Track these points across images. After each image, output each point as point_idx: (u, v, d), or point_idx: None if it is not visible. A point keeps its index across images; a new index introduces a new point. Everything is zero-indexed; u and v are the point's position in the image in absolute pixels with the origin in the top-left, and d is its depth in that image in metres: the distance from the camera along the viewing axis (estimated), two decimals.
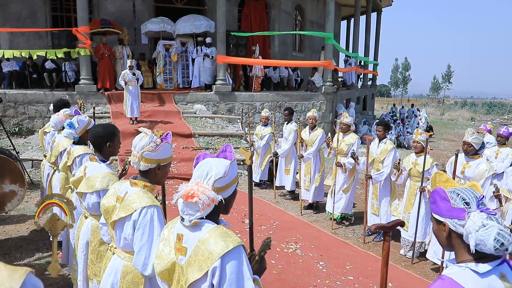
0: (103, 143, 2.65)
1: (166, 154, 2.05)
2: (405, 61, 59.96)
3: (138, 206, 1.90)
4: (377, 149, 5.21)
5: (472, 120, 27.59)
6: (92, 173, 2.56)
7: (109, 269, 2.06)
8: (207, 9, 13.62)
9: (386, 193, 5.25)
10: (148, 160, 1.99)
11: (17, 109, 10.19)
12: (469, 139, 4.22)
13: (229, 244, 1.44)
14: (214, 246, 1.43)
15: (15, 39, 12.02)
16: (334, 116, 12.78)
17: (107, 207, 2.07)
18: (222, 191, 1.53)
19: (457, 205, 1.32)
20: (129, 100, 9.22)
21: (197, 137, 9.43)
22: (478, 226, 1.23)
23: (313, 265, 4.39)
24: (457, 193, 1.35)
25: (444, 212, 1.35)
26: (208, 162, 1.56)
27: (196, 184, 1.50)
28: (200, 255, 1.45)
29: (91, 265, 2.54)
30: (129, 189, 2.00)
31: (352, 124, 5.90)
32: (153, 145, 2.00)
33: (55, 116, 4.11)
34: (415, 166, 4.67)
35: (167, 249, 1.57)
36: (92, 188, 2.51)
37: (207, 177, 1.51)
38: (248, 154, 1.77)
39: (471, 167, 4.22)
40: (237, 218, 5.65)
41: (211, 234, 1.47)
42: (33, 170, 8.23)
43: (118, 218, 1.97)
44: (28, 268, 0.78)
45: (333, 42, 12.32)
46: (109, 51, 10.88)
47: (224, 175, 1.51)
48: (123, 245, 2.02)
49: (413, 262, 4.72)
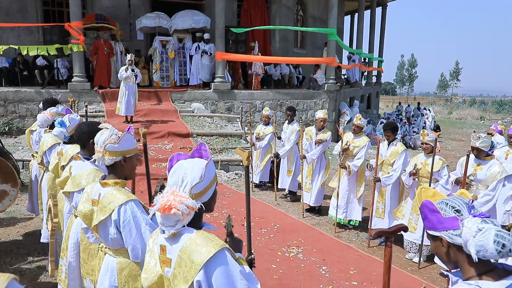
0: (86, 140, 2.66)
1: (129, 145, 2.10)
2: (412, 58, 59.34)
3: (115, 205, 1.93)
4: (387, 151, 5.07)
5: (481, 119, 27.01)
6: (77, 172, 2.57)
7: (104, 268, 2.08)
8: (205, 4, 13.37)
9: (395, 197, 5.16)
10: (112, 153, 2.04)
11: (7, 107, 9.95)
12: (476, 144, 4.13)
13: (211, 249, 1.38)
14: (196, 254, 1.38)
15: (5, 35, 11.77)
16: (337, 115, 12.48)
17: (84, 212, 2.10)
18: (200, 196, 1.48)
19: (448, 214, 1.28)
20: (126, 97, 8.94)
21: (195, 136, 9.25)
22: (475, 232, 1.19)
23: (316, 269, 4.33)
24: (446, 202, 1.31)
25: (437, 225, 1.31)
26: (182, 167, 1.49)
27: (172, 193, 1.43)
28: (183, 265, 1.39)
29: (84, 264, 2.53)
30: (102, 190, 2.03)
31: (365, 126, 5.71)
32: (115, 137, 2.03)
33: (41, 115, 4.09)
34: (425, 166, 4.57)
35: (153, 261, 1.53)
36: (78, 186, 2.51)
37: (183, 184, 1.45)
38: (245, 155, 1.74)
39: (482, 169, 4.12)
40: (237, 221, 5.52)
41: (191, 241, 1.42)
42: (23, 171, 7.97)
43: (98, 221, 1.99)
44: (11, 275, 0.79)
45: (336, 38, 11.99)
46: (109, 48, 10.57)
47: (201, 180, 1.46)
48: (112, 245, 2.04)
49: (420, 266, 4.57)
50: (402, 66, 60.02)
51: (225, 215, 5.79)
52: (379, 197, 5.19)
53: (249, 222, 1.89)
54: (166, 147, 8.66)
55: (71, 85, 10.12)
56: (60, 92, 9.82)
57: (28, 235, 4.87)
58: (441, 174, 4.47)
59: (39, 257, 4.31)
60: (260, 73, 12.20)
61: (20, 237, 4.90)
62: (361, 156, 5.35)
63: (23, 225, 5.23)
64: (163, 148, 8.61)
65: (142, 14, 11.99)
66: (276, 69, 13.55)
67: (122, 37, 11.47)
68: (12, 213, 5.69)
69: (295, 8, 15.93)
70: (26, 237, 4.85)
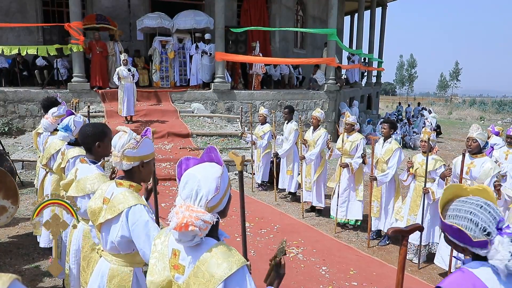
0: (92, 143, 2.56)
1: (148, 150, 2.03)
2: (411, 58, 59.30)
3: (125, 207, 1.89)
4: (382, 149, 5.08)
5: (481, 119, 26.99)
6: (82, 176, 2.52)
7: (96, 272, 2.04)
8: (205, 4, 13.35)
9: (390, 196, 5.15)
10: (130, 158, 1.98)
11: (7, 107, 9.95)
12: (474, 134, 4.15)
13: (233, 266, 1.33)
14: (216, 268, 1.33)
15: (4, 35, 11.76)
16: (337, 115, 12.47)
17: (93, 209, 2.06)
18: (217, 207, 1.42)
19: (478, 238, 1.22)
20: (126, 97, 8.90)
21: (195, 137, 9.26)
22: (507, 259, 1.15)
23: (316, 270, 4.30)
24: (475, 221, 1.22)
25: (465, 242, 1.27)
26: (195, 178, 1.39)
27: (186, 209, 1.35)
28: (201, 277, 1.34)
29: (83, 272, 2.49)
30: (115, 190, 1.98)
31: (356, 124, 5.76)
32: (134, 142, 1.96)
33: (44, 120, 4.03)
34: (422, 166, 4.59)
35: (161, 264, 1.46)
36: (82, 191, 2.48)
37: (198, 198, 1.37)
38: (239, 160, 1.67)
39: (476, 166, 4.13)
40: (237, 222, 5.50)
41: (212, 254, 1.36)
42: (23, 171, 7.98)
43: (104, 220, 1.95)
44: (13, 275, 0.78)
45: (336, 38, 11.98)
46: (103, 47, 10.55)
47: (216, 193, 1.38)
48: (109, 248, 1.99)
49: (420, 267, 4.57)
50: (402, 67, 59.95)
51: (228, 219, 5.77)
52: (374, 197, 5.20)
53: (244, 226, 1.84)
54: (166, 147, 8.66)
55: (70, 85, 10.12)
56: (60, 92, 9.82)
57: (28, 236, 4.85)
58: (437, 173, 4.48)
59: (39, 257, 4.29)
60: (261, 73, 12.20)
61: (20, 237, 4.88)
62: (359, 155, 5.38)
63: (23, 225, 5.22)
64: (163, 148, 8.61)
65: (142, 14, 11.97)
66: (276, 69, 13.55)
67: (121, 37, 11.46)
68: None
69: (295, 8, 15.91)
70: (26, 237, 4.83)
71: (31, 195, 6.36)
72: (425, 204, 4.53)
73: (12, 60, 11.24)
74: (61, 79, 10.59)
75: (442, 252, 4.29)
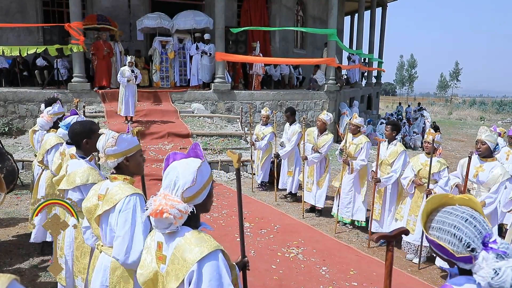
0: (80, 140, 2.70)
1: (127, 145, 2.10)
2: (411, 58, 59.25)
3: (121, 196, 1.95)
4: (386, 151, 5.02)
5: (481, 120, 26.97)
6: (72, 170, 2.61)
7: (98, 267, 2.08)
8: (205, 4, 13.34)
9: (393, 199, 5.09)
10: (112, 156, 2.07)
11: (7, 108, 9.92)
12: (483, 136, 4.08)
13: (204, 249, 1.39)
14: (188, 253, 1.39)
15: (4, 35, 11.75)
16: (337, 115, 12.44)
17: (89, 207, 2.12)
18: (193, 199, 1.48)
19: (462, 253, 1.18)
20: (126, 97, 8.91)
21: (195, 137, 9.23)
22: (491, 276, 1.11)
23: (316, 270, 4.30)
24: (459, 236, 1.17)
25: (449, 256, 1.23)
26: (175, 170, 1.49)
27: (164, 197, 1.44)
28: (176, 263, 1.41)
29: (76, 262, 2.56)
30: (110, 185, 2.06)
31: (363, 126, 5.65)
32: (112, 140, 2.06)
33: (40, 118, 4.10)
34: (425, 167, 4.51)
35: (149, 257, 1.54)
36: (72, 184, 2.53)
37: (175, 187, 1.46)
38: (236, 157, 1.73)
39: (484, 170, 4.04)
40: (237, 222, 5.38)
41: (186, 240, 1.43)
42: (23, 171, 7.97)
43: (102, 211, 1.99)
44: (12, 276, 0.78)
45: (336, 38, 11.97)
46: (109, 48, 10.56)
47: (192, 184, 1.45)
48: (109, 241, 2.02)
49: (420, 267, 4.56)
50: (402, 67, 59.92)
51: (225, 216, 5.78)
52: (376, 198, 5.16)
53: (241, 224, 1.87)
54: (166, 148, 8.65)
55: (71, 85, 10.10)
56: (60, 92, 9.81)
57: (28, 236, 4.79)
58: (441, 175, 4.40)
59: (38, 257, 4.29)
60: (261, 74, 12.18)
61: (20, 237, 4.88)
62: (363, 158, 5.31)
63: (23, 225, 5.21)
64: (163, 148, 8.60)
65: (142, 15, 11.95)
66: (276, 70, 13.53)
67: (122, 38, 11.45)
68: (12, 213, 5.68)
69: (295, 8, 15.89)
70: (26, 237, 4.80)
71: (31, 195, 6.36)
72: None
73: (12, 60, 11.22)
74: (61, 79, 10.56)
75: None
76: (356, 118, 5.51)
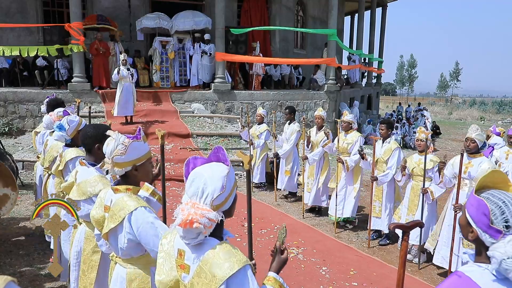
0: (92, 144, 2.54)
1: (138, 153, 1.97)
2: (411, 58, 59.27)
3: (126, 213, 1.87)
4: (381, 149, 5.12)
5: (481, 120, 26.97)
6: (82, 179, 2.49)
7: (114, 278, 2.03)
8: (205, 4, 13.35)
9: (391, 196, 5.16)
10: (120, 165, 1.93)
11: (7, 108, 9.94)
12: (473, 135, 4.17)
13: (234, 265, 1.34)
14: (217, 268, 1.34)
15: (5, 35, 11.74)
16: (338, 115, 12.45)
17: (97, 218, 2.06)
18: (222, 206, 1.43)
19: (497, 225, 1.22)
20: (123, 98, 8.89)
21: (195, 137, 9.23)
22: (508, 256, 1.15)
23: (316, 270, 4.31)
24: (502, 210, 1.23)
25: (480, 224, 1.27)
26: (201, 177, 1.41)
27: (192, 206, 1.37)
28: (203, 277, 1.35)
29: (82, 276, 2.42)
30: (113, 197, 1.96)
31: (354, 122, 5.75)
32: (122, 148, 1.90)
33: (47, 116, 4.03)
34: (419, 165, 4.62)
35: (168, 264, 1.47)
36: (84, 194, 2.44)
37: (203, 195, 1.39)
38: (247, 158, 1.65)
39: (473, 166, 4.16)
40: (237, 222, 5.54)
41: (215, 254, 1.37)
42: (23, 171, 7.98)
43: (108, 229, 1.93)
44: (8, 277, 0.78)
45: (336, 39, 11.98)
46: (105, 47, 10.55)
47: (222, 191, 1.40)
48: (122, 254, 1.98)
49: (420, 267, 4.58)
50: (402, 67, 59.94)
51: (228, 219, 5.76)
52: (376, 196, 5.21)
53: (250, 226, 1.83)
54: (166, 148, 8.65)
55: (71, 85, 10.10)
56: (60, 92, 9.81)
57: (28, 236, 4.85)
58: (435, 172, 4.50)
59: (39, 258, 4.29)
60: (261, 74, 12.18)
61: (20, 237, 4.87)
62: (355, 152, 5.36)
63: (23, 225, 5.22)
64: None
65: (142, 15, 11.95)
66: (276, 70, 13.53)
67: (122, 38, 11.45)
68: (12, 213, 5.63)
69: (295, 8, 15.89)
70: (26, 237, 4.82)
71: (31, 195, 6.35)
72: (424, 204, 4.52)
73: (12, 60, 11.23)
74: (61, 79, 10.57)
75: (442, 252, 4.30)
76: (346, 115, 5.60)
